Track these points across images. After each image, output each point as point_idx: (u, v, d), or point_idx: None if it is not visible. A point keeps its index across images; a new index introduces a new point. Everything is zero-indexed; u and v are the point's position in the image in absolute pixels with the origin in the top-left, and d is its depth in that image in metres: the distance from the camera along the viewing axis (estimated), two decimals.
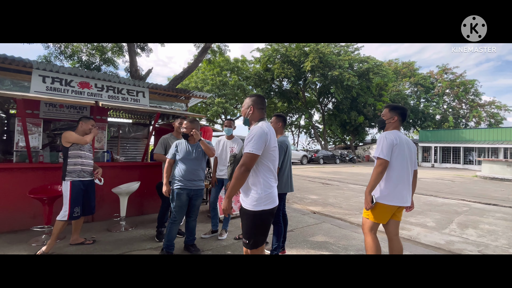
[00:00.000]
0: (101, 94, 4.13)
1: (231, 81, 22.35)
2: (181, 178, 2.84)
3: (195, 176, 2.89)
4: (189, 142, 2.94)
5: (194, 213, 2.99)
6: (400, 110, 2.30)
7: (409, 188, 2.25)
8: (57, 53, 12.02)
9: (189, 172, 2.85)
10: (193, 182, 2.87)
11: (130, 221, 4.08)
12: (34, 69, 3.69)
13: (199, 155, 2.94)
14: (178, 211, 2.84)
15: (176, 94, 5.09)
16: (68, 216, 2.85)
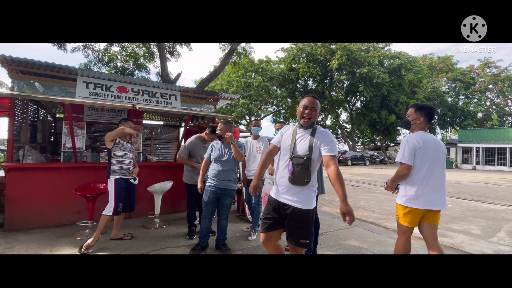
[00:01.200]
0: (137, 98, 4.37)
1: (255, 82, 22.46)
2: (212, 177, 3.00)
3: (225, 176, 2.98)
4: (223, 144, 3.05)
5: (223, 212, 3.04)
6: (426, 110, 2.24)
7: (440, 190, 2.17)
8: (95, 60, 12.96)
9: (219, 172, 2.97)
10: (223, 182, 2.97)
11: (164, 219, 4.26)
12: (79, 76, 4.01)
13: (230, 156, 3.02)
14: (205, 207, 3.00)
15: (206, 97, 5.22)
16: (113, 212, 3.06)
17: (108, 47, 12.88)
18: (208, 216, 3.01)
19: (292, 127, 2.01)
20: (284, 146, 1.93)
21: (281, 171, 1.92)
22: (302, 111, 1.87)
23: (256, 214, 3.70)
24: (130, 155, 3.31)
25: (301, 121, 1.88)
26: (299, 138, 1.88)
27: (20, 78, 3.75)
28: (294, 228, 1.83)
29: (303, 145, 1.84)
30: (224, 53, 13.83)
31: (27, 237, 3.35)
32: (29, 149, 4.02)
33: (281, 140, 1.96)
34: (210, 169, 3.06)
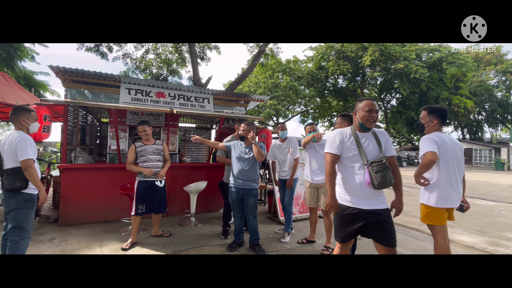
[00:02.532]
0: (173, 102, 4.58)
1: (283, 83, 22.29)
2: (233, 176, 3.10)
3: (245, 176, 3.05)
4: (245, 144, 3.11)
5: (250, 211, 3.07)
6: (439, 112, 2.31)
7: (458, 188, 2.24)
8: (133, 68, 13.90)
9: (240, 171, 3.05)
10: (244, 182, 3.04)
11: (199, 218, 4.40)
12: (122, 83, 4.32)
13: (251, 157, 3.07)
14: (233, 206, 3.16)
15: (236, 99, 5.31)
16: (134, 212, 3.18)
17: (144, 55, 13.72)
18: (238, 214, 3.15)
19: (347, 132, 1.92)
20: (348, 154, 1.87)
21: (350, 179, 1.87)
22: (368, 115, 1.84)
23: (287, 215, 3.67)
24: (154, 158, 3.31)
25: (367, 124, 1.85)
26: (365, 143, 1.87)
27: (72, 87, 4.15)
28: (385, 230, 1.78)
29: (374, 149, 1.85)
30: (252, 55, 13.97)
31: (79, 231, 3.68)
32: (80, 151, 4.43)
33: (343, 148, 1.88)
34: (232, 168, 3.15)
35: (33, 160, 2.22)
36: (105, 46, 12.17)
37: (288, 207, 3.69)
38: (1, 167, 2.25)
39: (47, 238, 3.40)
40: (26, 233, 2.27)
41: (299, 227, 4.15)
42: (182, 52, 13.94)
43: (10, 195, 2.22)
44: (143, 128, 3.25)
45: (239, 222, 3.16)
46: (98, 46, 11.95)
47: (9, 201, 2.22)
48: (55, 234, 3.55)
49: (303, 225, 4.23)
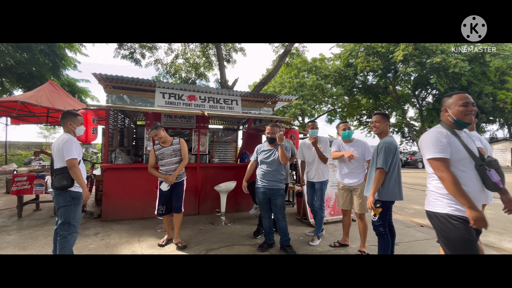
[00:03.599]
0: (204, 105, 4.74)
1: (309, 82, 21.86)
2: (260, 178, 3.16)
3: (271, 177, 3.08)
4: (270, 146, 3.16)
5: (278, 212, 3.08)
6: None
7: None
8: (164, 73, 14.59)
9: (266, 173, 3.10)
10: (270, 182, 3.08)
11: (228, 217, 4.49)
12: (157, 88, 4.56)
13: (276, 158, 3.09)
14: (261, 208, 3.21)
15: (264, 100, 5.33)
16: (156, 212, 3.31)
17: (174, 60, 14.33)
18: (266, 215, 3.19)
19: (444, 132, 1.68)
20: (460, 156, 1.62)
21: (469, 185, 1.58)
22: (464, 109, 1.64)
23: (319, 219, 3.58)
24: (170, 161, 3.21)
25: (466, 119, 1.65)
26: (466, 140, 1.67)
27: (113, 92, 4.47)
28: None
29: (474, 147, 1.67)
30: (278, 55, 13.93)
31: (119, 227, 3.95)
32: (119, 152, 4.75)
33: (452, 149, 1.63)
34: (258, 171, 3.21)
35: (77, 160, 2.40)
36: (139, 53, 12.93)
37: (319, 211, 3.59)
38: (52, 167, 2.49)
39: (92, 232, 3.69)
40: (73, 228, 2.47)
41: (331, 229, 4.05)
42: (209, 55, 14.33)
43: (59, 193, 2.42)
44: (154, 133, 3.16)
45: (268, 223, 3.18)
46: (133, 53, 12.73)
47: (59, 199, 2.43)
48: (99, 229, 3.85)
49: (334, 228, 4.12)
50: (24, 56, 10.57)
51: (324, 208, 3.64)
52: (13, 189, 4.19)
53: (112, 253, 3.02)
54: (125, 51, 12.46)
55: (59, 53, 12.74)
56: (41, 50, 11.51)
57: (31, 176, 4.22)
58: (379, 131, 2.60)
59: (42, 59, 11.64)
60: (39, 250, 3.02)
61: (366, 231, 3.02)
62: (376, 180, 2.39)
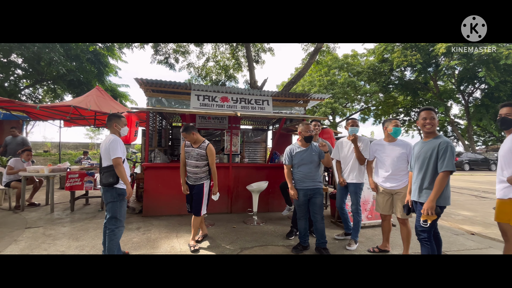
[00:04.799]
0: (236, 106, 4.82)
1: (340, 79, 21.13)
2: (298, 180, 3.05)
3: (310, 177, 3.00)
4: (303, 145, 3.06)
5: (317, 212, 2.99)
6: None
7: None
8: (196, 76, 15.16)
9: (306, 174, 3.00)
10: (311, 183, 3.00)
11: (260, 216, 4.51)
12: (192, 90, 4.74)
13: (312, 157, 3.00)
14: (299, 209, 3.13)
15: (295, 99, 5.26)
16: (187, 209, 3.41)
17: (205, 63, 14.82)
18: (303, 217, 3.11)
19: None
20: None
21: None
22: None
23: (355, 223, 3.43)
24: (194, 163, 3.19)
25: None
26: None
27: (152, 96, 4.74)
28: None
29: None
30: (307, 53, 13.68)
31: (158, 222, 4.18)
32: (158, 152, 5.04)
33: None
34: (296, 173, 3.08)
35: (122, 159, 2.59)
36: (173, 58, 13.59)
37: (355, 214, 3.43)
38: (101, 165, 2.70)
39: (134, 227, 3.95)
40: (120, 222, 2.66)
41: (368, 234, 3.86)
42: (238, 57, 14.57)
43: (107, 190, 2.62)
44: (183, 136, 3.18)
45: (304, 224, 3.12)
46: (167, 58, 13.42)
47: (106, 195, 2.63)
48: (140, 224, 4.11)
49: (372, 233, 3.92)
50: (74, 64, 11.69)
51: (360, 212, 3.47)
52: (67, 185, 4.66)
53: (153, 247, 3.20)
54: (161, 57, 13.18)
55: (103, 61, 13.91)
56: (88, 59, 12.67)
57: (82, 174, 4.66)
58: (433, 129, 2.35)
59: (89, 67, 12.79)
60: (90, 242, 3.32)
61: (410, 237, 2.82)
62: (440, 184, 2.16)
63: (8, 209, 4.75)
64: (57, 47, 10.17)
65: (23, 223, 4.02)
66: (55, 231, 3.67)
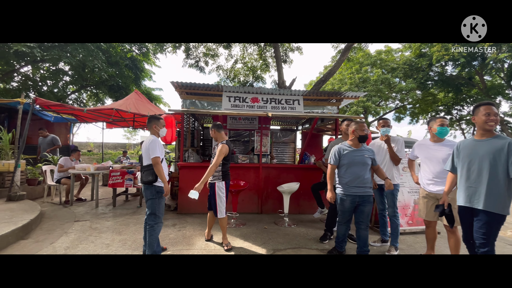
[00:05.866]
0: (266, 106, 4.82)
1: (372, 77, 20.14)
2: (346, 183, 2.76)
3: (360, 182, 2.72)
4: (354, 146, 2.82)
5: (363, 221, 2.79)
6: None
7: None
8: (225, 78, 15.49)
9: (354, 177, 2.73)
10: (360, 188, 2.71)
11: (291, 218, 4.45)
12: (223, 92, 4.84)
13: (365, 159, 2.76)
14: (342, 216, 2.87)
15: (327, 98, 5.12)
16: None
17: (234, 65, 15.08)
18: (346, 223, 2.90)
19: None
20: None
21: None
22: None
23: (394, 227, 3.23)
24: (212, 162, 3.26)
25: None
26: None
27: (186, 98, 4.93)
28: None
29: None
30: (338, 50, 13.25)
31: (192, 220, 4.32)
32: (191, 152, 5.22)
33: None
34: (343, 176, 2.80)
35: (160, 158, 2.72)
36: (203, 61, 14.04)
37: (393, 218, 3.26)
38: (141, 164, 2.86)
39: (170, 223, 4.13)
40: (158, 218, 2.79)
41: (409, 241, 3.61)
42: (266, 58, 14.60)
43: (147, 187, 2.77)
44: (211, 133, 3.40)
45: (344, 230, 2.92)
46: (198, 62, 13.91)
47: (146, 192, 2.78)
48: (176, 220, 4.29)
49: (413, 240, 3.66)
50: (113, 70, 12.61)
51: (398, 215, 3.28)
52: (110, 182, 5.02)
53: (189, 243, 3.31)
54: (191, 60, 13.69)
55: (140, 66, 14.82)
56: (126, 65, 13.57)
57: (123, 172, 4.99)
58: (495, 126, 2.12)
59: (127, 72, 13.70)
60: (131, 236, 3.53)
61: (459, 247, 2.58)
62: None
63: (59, 203, 5.25)
64: (99, 55, 11.04)
65: (72, 216, 4.41)
66: (100, 225, 3.97)
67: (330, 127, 6.10)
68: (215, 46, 14.00)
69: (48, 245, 3.14)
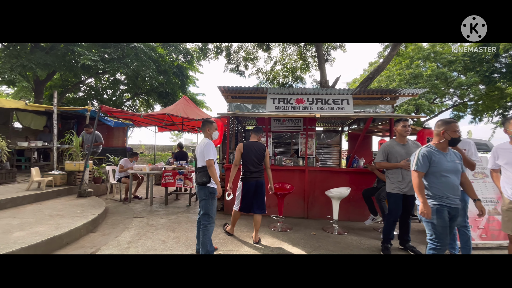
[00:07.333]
0: (312, 107, 4.67)
1: (426, 71, 18.30)
2: (440, 193, 2.28)
3: (455, 191, 2.28)
4: (442, 150, 2.36)
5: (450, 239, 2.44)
6: None
7: None
8: (264, 81, 15.59)
9: (449, 186, 2.28)
10: (453, 199, 2.27)
11: (341, 225, 4.21)
12: (267, 94, 4.83)
13: (456, 165, 2.33)
14: (442, 233, 2.19)
15: (380, 96, 4.75)
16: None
17: (273, 67, 15.10)
18: (443, 248, 2.21)
19: None
20: None
21: None
22: None
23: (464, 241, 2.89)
24: None
25: None
26: None
27: (231, 101, 5.04)
28: None
29: None
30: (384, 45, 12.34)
31: (239, 221, 4.34)
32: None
33: None
34: (436, 186, 2.30)
35: (213, 160, 2.79)
36: (243, 65, 14.35)
37: (463, 229, 2.87)
38: (196, 166, 2.97)
39: (218, 223, 4.23)
40: (211, 219, 2.87)
41: None
42: (306, 57, 14.31)
43: (201, 188, 2.87)
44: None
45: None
46: (238, 66, 14.25)
47: (200, 193, 2.89)
48: (223, 221, 4.38)
49: None
50: (162, 78, 13.61)
51: (469, 226, 2.90)
52: (163, 182, 5.37)
53: (238, 245, 3.34)
54: (232, 65, 14.09)
55: (185, 73, 15.76)
56: (173, 73, 14.55)
57: (175, 172, 5.29)
58: None
59: (174, 80, 14.67)
60: (184, 234, 3.70)
61: None
62: None
63: (119, 200, 5.78)
64: (151, 64, 12.01)
65: (131, 213, 4.81)
66: (156, 222, 4.25)
67: (381, 128, 5.66)
68: (254, 49, 14.21)
69: (113, 238, 3.46)
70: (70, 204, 4.58)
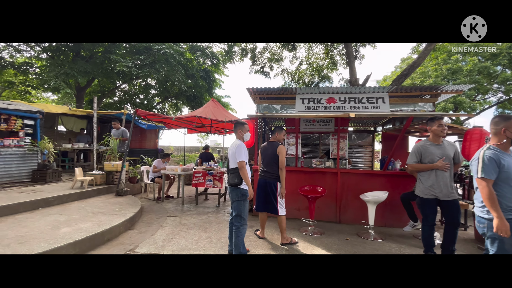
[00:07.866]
0: (344, 106, 4.49)
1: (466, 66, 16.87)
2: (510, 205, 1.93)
3: None
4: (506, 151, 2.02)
5: None
6: None
7: None
8: (289, 81, 15.43)
9: None
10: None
11: (377, 231, 3.98)
12: (297, 94, 4.73)
13: None
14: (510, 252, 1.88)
15: (420, 94, 4.43)
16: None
17: (299, 67, 14.88)
18: None
19: None
20: None
21: None
22: None
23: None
24: None
25: None
26: None
27: (260, 103, 5.02)
28: None
29: None
30: None
31: (268, 223, 4.30)
32: None
33: None
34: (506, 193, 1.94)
35: (245, 162, 2.77)
36: (268, 66, 14.33)
37: None
38: (228, 167, 2.98)
39: (248, 225, 4.21)
40: (243, 220, 2.85)
41: None
42: (333, 56, 13.91)
43: (232, 189, 2.87)
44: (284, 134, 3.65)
45: None
46: (263, 67, 14.26)
47: (232, 194, 2.89)
48: (252, 222, 4.36)
49: None
50: (191, 82, 14.05)
51: None
52: (193, 182, 5.49)
53: (269, 248, 3.29)
54: (257, 67, 14.13)
55: (212, 76, 16.14)
56: (201, 76, 14.96)
57: (204, 173, 5.39)
58: None
59: (201, 83, 15.06)
60: (215, 234, 3.73)
61: None
62: None
63: (153, 199, 6.03)
64: (180, 69, 12.46)
65: (164, 211, 4.98)
66: (188, 221, 4.35)
67: (418, 127, 5.28)
68: (279, 50, 14.13)
69: (149, 236, 3.60)
70: (109, 202, 4.86)
